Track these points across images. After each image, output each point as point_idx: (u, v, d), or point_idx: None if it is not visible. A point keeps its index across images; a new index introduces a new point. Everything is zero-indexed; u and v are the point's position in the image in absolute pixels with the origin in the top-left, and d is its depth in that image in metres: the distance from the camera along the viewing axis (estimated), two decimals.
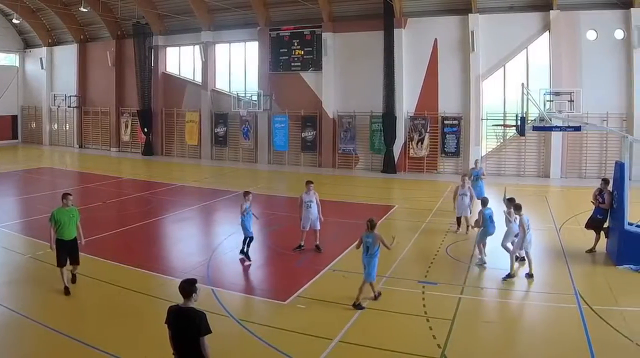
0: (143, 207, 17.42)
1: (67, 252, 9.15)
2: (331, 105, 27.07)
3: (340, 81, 26.92)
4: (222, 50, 30.70)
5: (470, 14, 23.84)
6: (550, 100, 20.70)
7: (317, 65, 27.28)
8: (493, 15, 23.84)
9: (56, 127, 38.06)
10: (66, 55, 36.20)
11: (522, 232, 10.19)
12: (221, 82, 30.97)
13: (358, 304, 8.54)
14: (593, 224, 11.84)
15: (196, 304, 5.21)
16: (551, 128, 14.47)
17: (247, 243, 11.06)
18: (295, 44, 27.88)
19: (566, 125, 14.56)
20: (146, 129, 32.23)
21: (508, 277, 10.02)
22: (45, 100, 37.40)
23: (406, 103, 25.38)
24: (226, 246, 12.60)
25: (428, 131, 25.10)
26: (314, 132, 27.65)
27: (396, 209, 17.12)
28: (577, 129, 13.52)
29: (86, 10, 28.85)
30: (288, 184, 22.87)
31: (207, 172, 26.44)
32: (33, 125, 38.92)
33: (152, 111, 32.31)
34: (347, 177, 24.81)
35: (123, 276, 10.05)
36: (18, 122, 39.54)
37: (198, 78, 31.22)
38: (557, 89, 21.55)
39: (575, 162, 23.30)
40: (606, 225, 11.64)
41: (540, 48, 23.49)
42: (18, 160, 31.17)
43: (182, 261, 11.47)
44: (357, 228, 13.94)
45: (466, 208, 13.55)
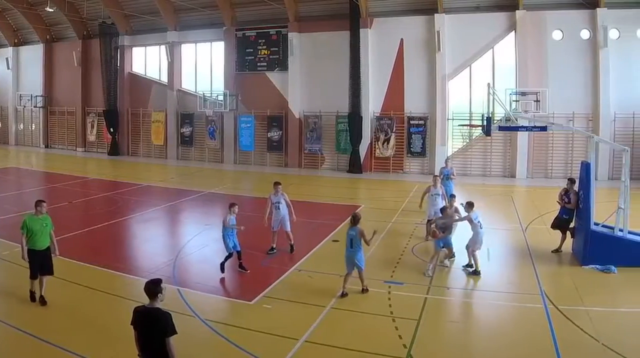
0: (109, 207, 17.17)
1: (39, 263, 8.54)
2: (297, 105, 26.67)
3: (306, 81, 26.56)
4: (188, 50, 30.34)
5: (436, 14, 23.68)
6: (516, 100, 20.60)
7: (283, 65, 26.92)
8: (459, 15, 23.71)
9: (22, 127, 37.47)
10: (32, 55, 35.64)
11: (475, 228, 10.30)
12: (187, 82, 30.59)
13: (344, 293, 8.91)
14: (559, 224, 11.78)
15: (162, 304, 5.16)
16: (517, 128, 14.31)
17: (226, 258, 10.21)
18: (261, 44, 27.54)
19: (532, 125, 14.34)
20: (112, 129, 31.71)
21: (474, 274, 10.19)
22: (11, 100, 36.78)
23: (372, 103, 25.08)
24: (192, 246, 12.49)
25: (394, 131, 24.80)
26: (280, 132, 27.24)
27: (362, 209, 16.61)
28: (543, 129, 13.35)
29: (52, 10, 28.68)
30: (254, 184, 22.89)
31: (173, 172, 26.19)
32: None
33: (118, 111, 31.83)
34: (313, 177, 24.51)
35: (89, 276, 9.94)
36: None
37: (164, 78, 30.81)
38: (523, 89, 21.45)
39: (541, 162, 23.13)
40: (572, 225, 11.59)
41: (506, 48, 23.39)
42: None
43: (148, 261, 11.37)
44: (324, 228, 13.88)
45: (438, 209, 12.97)
